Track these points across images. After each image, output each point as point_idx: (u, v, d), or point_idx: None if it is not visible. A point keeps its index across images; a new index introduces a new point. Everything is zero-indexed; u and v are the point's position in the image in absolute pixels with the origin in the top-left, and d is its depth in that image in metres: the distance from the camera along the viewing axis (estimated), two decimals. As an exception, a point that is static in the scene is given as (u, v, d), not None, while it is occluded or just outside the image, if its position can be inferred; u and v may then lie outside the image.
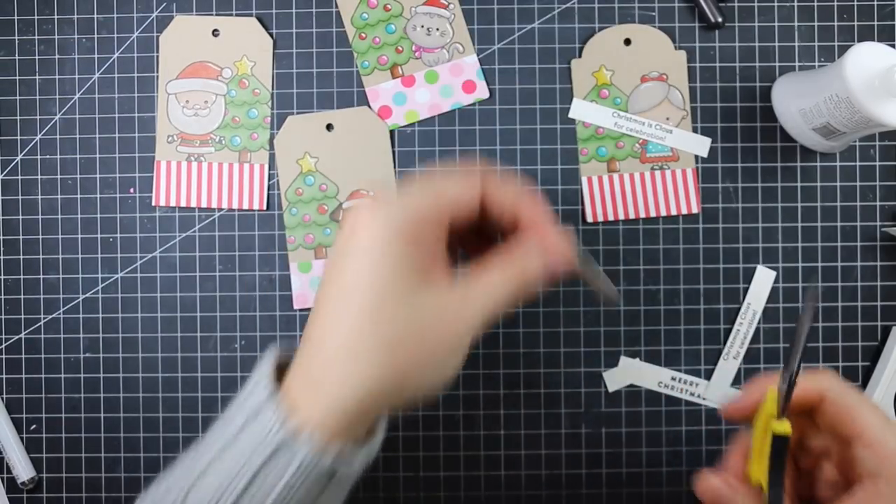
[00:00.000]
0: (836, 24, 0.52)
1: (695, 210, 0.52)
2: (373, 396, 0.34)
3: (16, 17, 0.52)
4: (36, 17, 0.52)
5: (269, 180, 0.52)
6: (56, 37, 0.52)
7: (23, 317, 0.52)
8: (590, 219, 0.52)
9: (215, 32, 0.52)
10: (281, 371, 0.36)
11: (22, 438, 0.52)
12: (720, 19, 0.51)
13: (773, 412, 0.35)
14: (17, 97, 0.52)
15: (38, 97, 0.52)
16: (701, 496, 0.37)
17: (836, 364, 0.52)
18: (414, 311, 0.35)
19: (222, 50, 0.52)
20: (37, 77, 0.52)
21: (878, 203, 0.52)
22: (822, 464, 0.38)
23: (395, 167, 0.52)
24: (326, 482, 0.35)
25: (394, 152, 0.52)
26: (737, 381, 0.52)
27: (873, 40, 0.51)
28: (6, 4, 0.52)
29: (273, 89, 0.52)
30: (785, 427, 0.35)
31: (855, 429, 0.36)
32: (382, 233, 0.35)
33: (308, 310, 0.52)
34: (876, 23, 0.52)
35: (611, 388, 0.52)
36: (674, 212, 0.52)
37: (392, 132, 0.52)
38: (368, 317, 0.34)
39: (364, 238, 0.35)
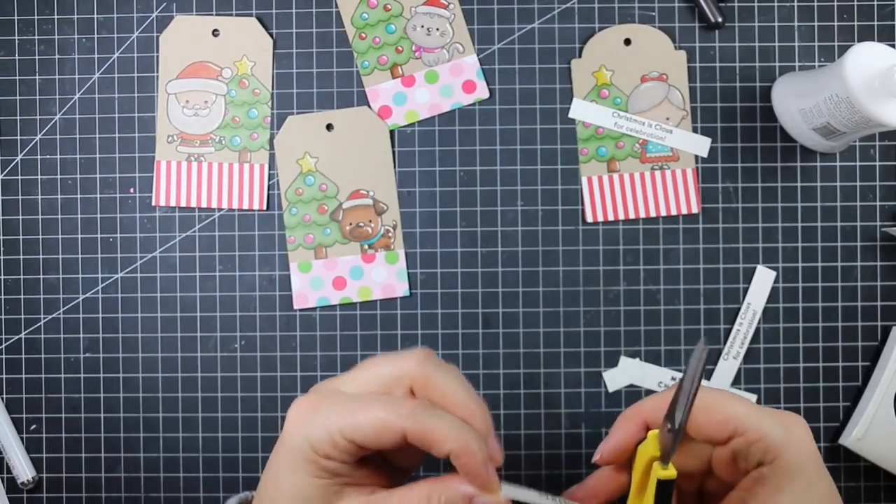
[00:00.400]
0: (836, 24, 0.52)
1: (695, 210, 0.52)
2: None
3: (16, 17, 0.52)
4: (36, 17, 0.52)
5: (269, 180, 0.52)
6: (56, 37, 0.52)
7: (23, 317, 0.52)
8: (590, 219, 0.52)
9: (215, 32, 0.52)
10: None
11: (22, 438, 0.52)
12: (720, 19, 0.51)
13: (655, 453, 0.34)
14: (17, 97, 0.52)
15: (38, 97, 0.52)
16: None
17: (835, 364, 0.52)
18: None
19: (222, 50, 0.52)
20: (37, 77, 0.52)
21: (878, 203, 0.52)
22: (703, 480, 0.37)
23: (395, 167, 0.52)
24: None
25: (394, 152, 0.52)
26: (737, 382, 0.52)
27: (873, 40, 0.51)
28: (6, 4, 0.52)
29: (273, 89, 0.52)
30: (670, 472, 0.34)
31: (728, 427, 0.34)
32: (298, 455, 0.34)
33: (308, 310, 0.52)
34: (876, 23, 0.52)
35: (611, 388, 0.52)
36: (674, 212, 0.52)
37: (392, 132, 0.52)
38: None
39: (283, 455, 0.35)
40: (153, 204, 0.52)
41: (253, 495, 0.38)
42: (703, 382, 0.34)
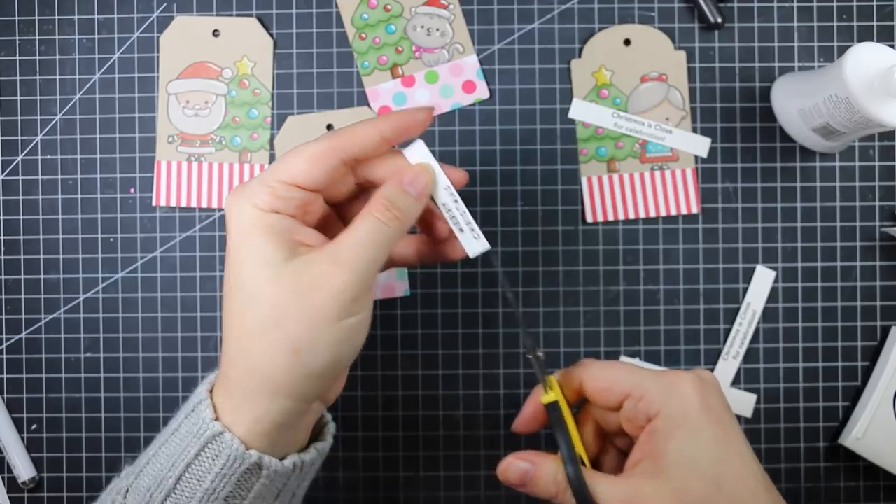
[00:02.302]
0: (835, 24, 0.52)
1: (695, 210, 0.52)
2: (272, 384, 0.35)
3: (16, 18, 0.53)
4: (37, 18, 0.53)
5: (269, 180, 0.52)
6: (57, 37, 0.52)
7: (23, 317, 0.52)
8: (590, 219, 0.52)
9: (216, 33, 0.52)
10: None
11: (22, 438, 0.52)
12: (720, 19, 0.51)
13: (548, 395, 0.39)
14: (18, 97, 0.52)
15: (38, 97, 0.52)
16: (505, 480, 0.39)
17: (835, 364, 0.52)
18: (285, 286, 0.35)
19: (223, 50, 0.52)
20: (37, 77, 0.52)
21: (877, 203, 0.52)
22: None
23: (395, 167, 0.52)
24: (257, 474, 0.36)
25: (394, 152, 0.52)
26: (737, 381, 0.52)
27: (873, 40, 0.52)
28: (7, 5, 0.53)
29: (273, 90, 0.52)
30: (549, 396, 0.39)
31: (614, 393, 0.38)
32: (244, 220, 0.36)
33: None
34: (876, 23, 0.52)
35: (610, 388, 0.52)
36: (674, 212, 0.52)
37: (392, 132, 0.52)
38: (247, 308, 0.36)
39: (231, 231, 0.37)
40: (153, 204, 0.52)
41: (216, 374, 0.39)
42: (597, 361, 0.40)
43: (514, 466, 0.38)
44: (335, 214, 0.41)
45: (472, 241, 0.40)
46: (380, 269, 0.37)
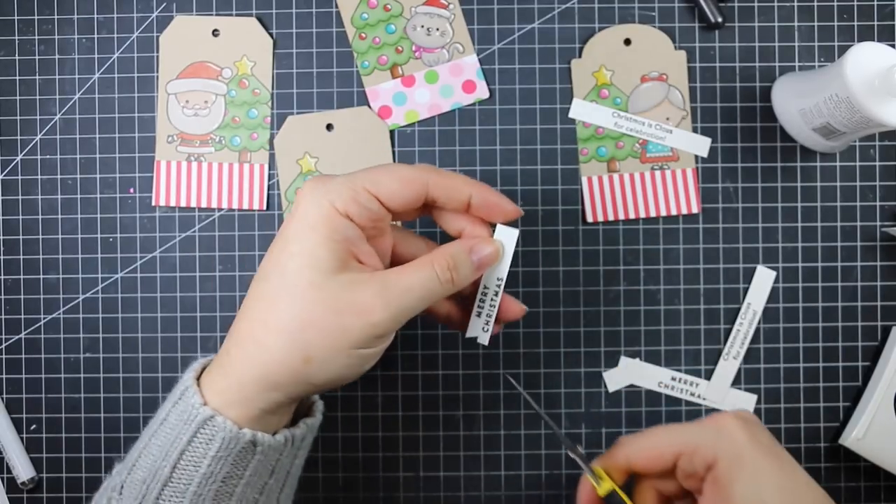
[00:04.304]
0: (835, 24, 0.52)
1: (695, 210, 0.52)
2: (271, 379, 0.36)
3: (16, 18, 0.52)
4: (36, 17, 0.52)
5: (269, 180, 0.52)
6: (56, 37, 0.52)
7: (23, 317, 0.52)
8: (590, 219, 0.52)
9: (215, 32, 0.52)
10: None
11: (22, 438, 0.52)
12: (720, 19, 0.51)
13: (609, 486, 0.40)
14: (18, 97, 0.52)
15: (38, 97, 0.52)
16: None
17: (835, 364, 0.52)
18: (325, 297, 0.35)
19: (222, 50, 0.52)
20: (37, 77, 0.52)
21: (878, 203, 0.52)
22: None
23: (395, 167, 0.52)
24: (252, 451, 0.36)
25: (394, 152, 0.52)
26: (737, 382, 0.52)
27: (873, 40, 0.51)
28: (6, 4, 0.52)
29: (273, 89, 0.52)
30: (604, 488, 0.39)
31: (665, 457, 0.39)
32: (314, 213, 0.36)
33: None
34: (876, 23, 0.52)
35: (611, 389, 0.52)
36: (674, 212, 0.52)
37: (392, 132, 0.52)
38: (278, 300, 0.36)
39: (297, 218, 0.36)
40: (153, 204, 0.52)
41: (210, 358, 0.39)
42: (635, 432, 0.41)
43: None
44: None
45: (479, 329, 0.42)
46: (413, 316, 0.38)
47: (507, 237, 0.41)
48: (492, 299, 0.41)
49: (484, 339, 0.42)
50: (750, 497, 0.36)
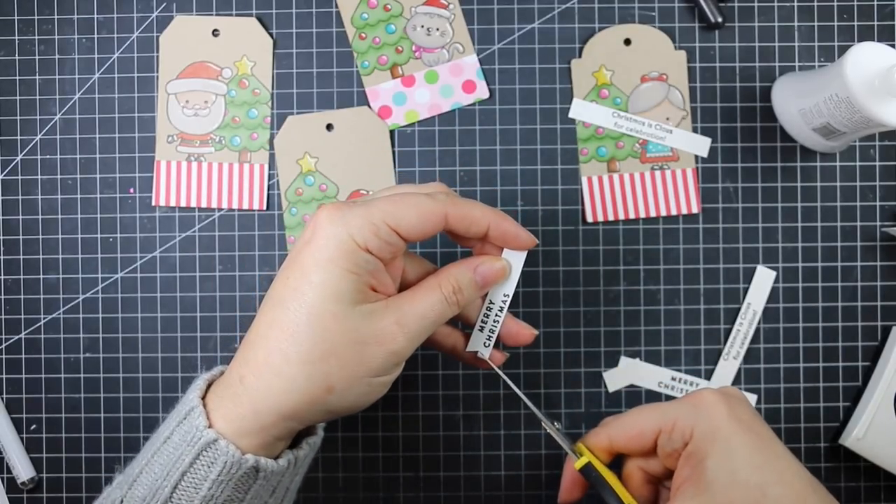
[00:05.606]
0: (836, 24, 0.52)
1: (695, 210, 0.52)
2: (291, 409, 0.36)
3: (16, 18, 0.52)
4: (36, 17, 0.52)
5: (269, 180, 0.52)
6: (56, 37, 0.52)
7: (23, 317, 0.52)
8: (590, 219, 0.52)
9: (215, 32, 0.52)
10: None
11: (22, 438, 0.52)
12: (720, 19, 0.51)
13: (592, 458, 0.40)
14: (17, 97, 0.52)
15: (38, 97, 0.52)
16: None
17: (835, 364, 0.52)
18: (346, 328, 0.36)
19: (222, 50, 0.52)
20: (37, 77, 0.52)
21: (878, 203, 0.52)
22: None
23: (395, 167, 0.52)
24: (254, 476, 0.36)
25: (394, 152, 0.52)
26: (737, 381, 0.52)
27: (873, 40, 0.51)
28: (6, 4, 0.52)
29: (273, 89, 0.52)
30: (580, 461, 0.40)
31: (645, 437, 0.39)
32: (334, 246, 0.36)
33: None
34: (876, 23, 0.52)
35: (611, 388, 0.52)
36: (674, 212, 0.52)
37: (392, 132, 0.52)
38: (299, 330, 0.35)
39: (316, 248, 0.36)
40: (153, 204, 0.52)
41: (221, 370, 0.39)
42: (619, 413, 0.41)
43: None
44: None
45: (480, 343, 0.42)
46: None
47: (515, 256, 0.41)
48: (496, 315, 0.41)
49: (484, 354, 0.42)
50: (722, 472, 0.35)
